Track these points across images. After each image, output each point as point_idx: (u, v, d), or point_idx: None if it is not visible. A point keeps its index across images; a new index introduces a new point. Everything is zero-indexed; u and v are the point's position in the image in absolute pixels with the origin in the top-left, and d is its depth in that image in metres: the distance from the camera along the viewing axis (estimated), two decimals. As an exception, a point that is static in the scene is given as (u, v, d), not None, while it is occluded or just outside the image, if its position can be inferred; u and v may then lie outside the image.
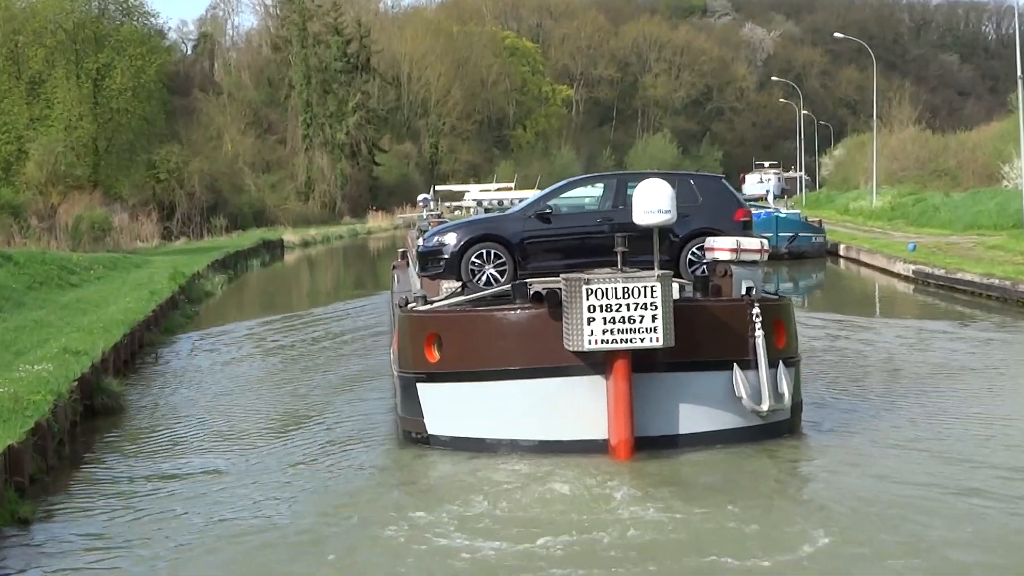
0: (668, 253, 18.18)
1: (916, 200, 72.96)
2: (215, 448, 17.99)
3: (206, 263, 49.58)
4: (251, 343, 30.20)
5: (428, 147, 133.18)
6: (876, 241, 55.63)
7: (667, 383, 16.32)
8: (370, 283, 51.06)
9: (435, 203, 30.32)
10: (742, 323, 16.67)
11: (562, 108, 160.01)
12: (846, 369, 23.74)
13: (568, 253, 18.28)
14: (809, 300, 41.02)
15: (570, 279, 15.89)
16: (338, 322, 34.44)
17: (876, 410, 19.41)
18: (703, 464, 15.91)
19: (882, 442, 17.12)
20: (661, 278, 15.80)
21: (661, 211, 16.42)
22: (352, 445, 17.84)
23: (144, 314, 29.89)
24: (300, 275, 61.94)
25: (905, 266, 44.02)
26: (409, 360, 17.39)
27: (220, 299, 43.47)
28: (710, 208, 18.62)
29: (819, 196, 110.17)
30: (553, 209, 18.52)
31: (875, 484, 14.82)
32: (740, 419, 16.67)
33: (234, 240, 70.50)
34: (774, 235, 53.34)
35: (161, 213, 73.26)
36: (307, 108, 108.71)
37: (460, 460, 16.37)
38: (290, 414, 20.43)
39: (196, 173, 79.59)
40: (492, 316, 16.70)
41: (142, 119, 74.33)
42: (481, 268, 18.29)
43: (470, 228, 18.80)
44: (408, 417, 17.42)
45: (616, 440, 15.95)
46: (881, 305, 38.78)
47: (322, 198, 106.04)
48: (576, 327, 15.74)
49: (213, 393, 22.80)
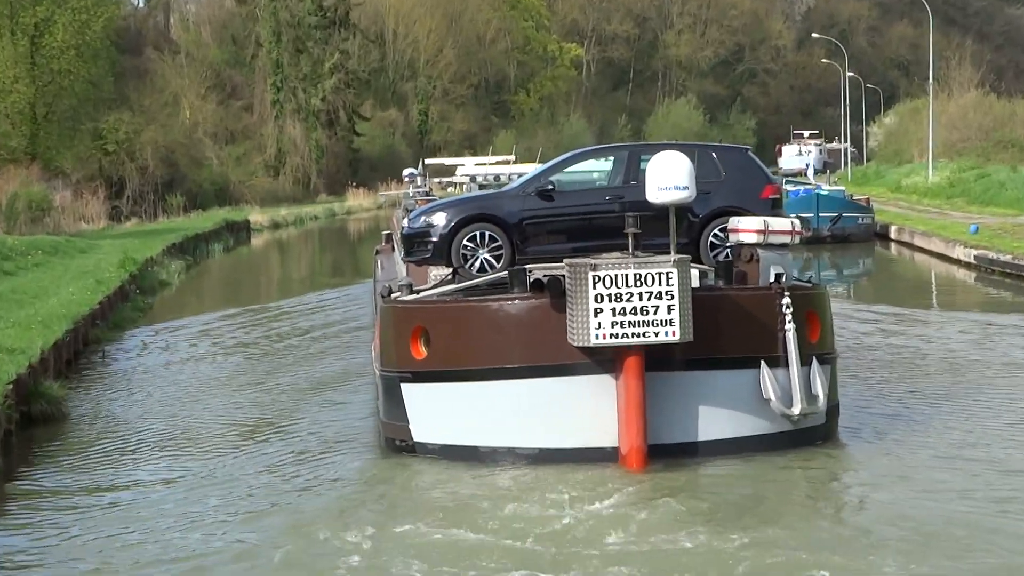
0: (687, 235, 18.38)
1: (979, 175, 72.95)
2: (167, 460, 18.20)
3: (161, 248, 49.80)
4: (211, 340, 30.43)
5: (416, 115, 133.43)
6: (932, 222, 55.78)
7: (685, 383, 16.52)
8: (349, 270, 51.31)
9: (423, 179, 30.50)
10: (770, 315, 16.85)
11: (570, 70, 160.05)
12: (896, 369, 23.88)
13: (573, 235, 18.47)
14: (855, 290, 41.31)
15: (575, 265, 16.08)
16: (309, 316, 34.65)
17: (930, 415, 19.56)
18: (726, 477, 16.10)
19: (935, 451, 17.29)
20: (678, 263, 15.98)
21: (678, 187, 16.57)
22: (324, 455, 18.04)
23: (89, 307, 30.00)
24: (269, 262, 62.24)
25: (966, 251, 44.14)
26: (392, 357, 17.58)
27: (177, 289, 43.72)
28: (734, 184, 18.81)
29: (866, 171, 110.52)
30: (556, 185, 18.71)
31: (929, 502, 14.90)
32: (768, 424, 16.87)
33: (193, 221, 70.70)
34: (815, 216, 53.77)
35: (109, 190, 73.37)
36: (277, 69, 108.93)
37: (448, 472, 16.56)
38: (253, 421, 20.64)
39: (149, 144, 79.77)
40: (486, 307, 16.90)
41: (87, 82, 74.40)
42: (474, 252, 18.49)
43: (462, 207, 19.00)
44: (391, 422, 17.61)
45: (627, 448, 16.14)
46: (938, 296, 39.01)
47: (294, 173, 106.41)
48: (582, 319, 15.93)
49: (167, 398, 23.00)
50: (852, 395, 20.68)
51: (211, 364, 26.82)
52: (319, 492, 16.14)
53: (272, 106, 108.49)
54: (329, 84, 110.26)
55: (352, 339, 29.12)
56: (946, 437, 18.05)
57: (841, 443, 17.79)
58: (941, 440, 17.87)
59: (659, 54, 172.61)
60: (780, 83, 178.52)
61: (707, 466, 16.43)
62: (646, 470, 16.01)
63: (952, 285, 40.91)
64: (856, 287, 42.39)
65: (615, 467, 16.19)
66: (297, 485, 16.51)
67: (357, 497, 15.87)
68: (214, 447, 18.89)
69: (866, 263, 50.64)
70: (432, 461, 17.01)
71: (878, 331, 28.86)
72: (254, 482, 16.70)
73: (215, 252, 60.34)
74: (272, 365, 26.28)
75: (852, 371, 23.15)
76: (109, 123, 78.17)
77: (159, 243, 51.82)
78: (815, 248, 52.60)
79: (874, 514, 14.48)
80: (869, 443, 17.85)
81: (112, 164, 77.57)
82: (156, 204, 77.95)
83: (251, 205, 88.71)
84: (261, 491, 16.26)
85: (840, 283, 43.23)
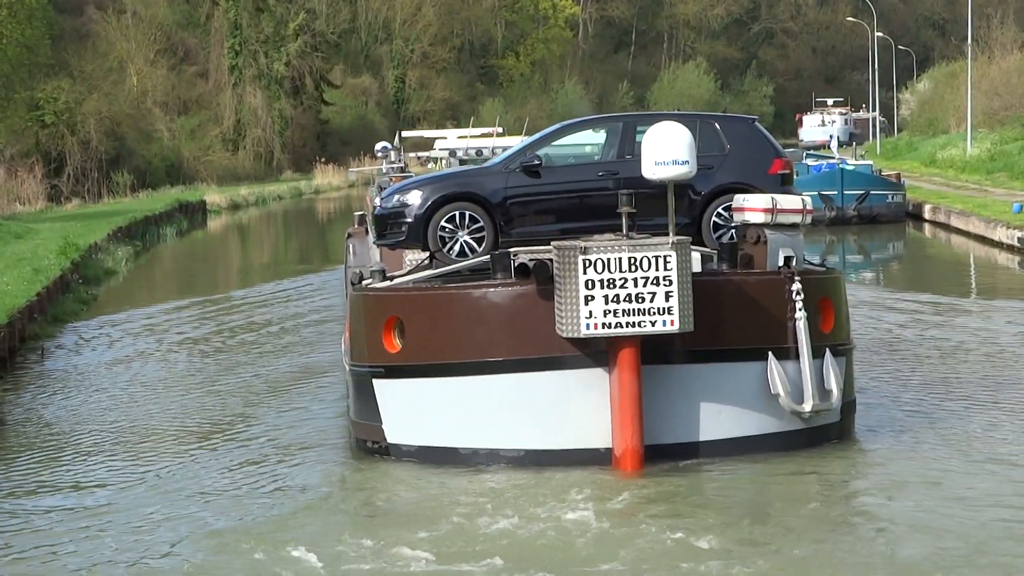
0: (688, 215, 18.76)
1: (1023, 147, 73.21)
2: (108, 468, 18.46)
3: (106, 232, 49.95)
4: (161, 335, 30.69)
5: (392, 82, 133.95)
6: (971, 200, 55.89)
7: (685, 377, 16.95)
8: (317, 257, 51.63)
9: (397, 153, 30.86)
10: (779, 302, 17.27)
11: (565, 31, 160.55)
12: (926, 363, 24.22)
13: (562, 216, 18.84)
14: (885, 276, 41.71)
15: (563, 248, 16.46)
16: (270, 308, 35.02)
17: (964, 415, 19.84)
18: (729, 482, 16.50)
19: (968, 455, 17.58)
20: (677, 246, 16.38)
21: (677, 162, 16.96)
22: (287, 459, 18.41)
23: (26, 299, 30.19)
24: (227, 247, 62.64)
25: (1008, 232, 44.30)
26: (364, 351, 17.99)
27: (125, 279, 43.99)
28: (740, 158, 19.17)
29: (898, 143, 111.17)
30: (544, 160, 19.03)
31: (962, 511, 15.13)
32: (777, 422, 17.30)
33: (142, 202, 70.84)
34: (839, 193, 54.46)
35: (47, 167, 73.61)
36: (235, 31, 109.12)
37: (424, 476, 16.95)
38: (204, 426, 20.89)
39: (92, 115, 79.51)
40: (466, 295, 17.29)
41: (21, 46, 73.71)
42: (453, 235, 18.80)
43: (439, 185, 19.32)
44: (362, 422, 18.03)
45: (621, 449, 16.57)
46: (977, 282, 39.27)
47: (255, 147, 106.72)
48: (571, 308, 16.32)
49: (110, 400, 23.26)
50: (880, 392, 21.11)
51: (160, 362, 27.07)
52: (271, 503, 16.44)
53: (230, 72, 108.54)
54: (294, 47, 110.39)
55: (314, 334, 29.46)
56: (982, 439, 18.32)
57: (858, 443, 18.21)
58: (976, 442, 18.14)
59: (664, 12, 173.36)
60: (801, 45, 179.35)
61: (709, 469, 16.84)
62: (642, 473, 16.43)
63: (992, 270, 41.35)
64: (886, 273, 42.84)
65: (608, 470, 16.59)
66: (248, 494, 16.83)
67: (320, 506, 16.19)
68: (162, 452, 19.18)
69: (897, 247, 51.11)
70: (405, 465, 17.40)
71: (912, 322, 29.20)
72: (200, 492, 16.98)
73: (167, 237, 60.54)
74: (226, 363, 26.59)
75: (884, 366, 23.59)
76: (47, 92, 77.83)
77: (104, 227, 51.94)
78: (839, 230, 53.02)
79: (897, 526, 14.71)
80: (891, 443, 18.21)
81: (50, 138, 77.48)
82: (100, 183, 78.00)
83: (207, 184, 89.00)
84: (206, 503, 16.53)
85: (868, 269, 43.68)
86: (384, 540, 14.59)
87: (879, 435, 18.65)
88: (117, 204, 70.53)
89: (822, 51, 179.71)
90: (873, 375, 22.72)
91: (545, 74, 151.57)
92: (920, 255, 48.75)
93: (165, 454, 19.16)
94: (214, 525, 15.60)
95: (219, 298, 37.67)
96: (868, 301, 32.11)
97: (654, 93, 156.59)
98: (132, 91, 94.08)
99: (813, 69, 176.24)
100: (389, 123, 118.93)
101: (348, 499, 16.59)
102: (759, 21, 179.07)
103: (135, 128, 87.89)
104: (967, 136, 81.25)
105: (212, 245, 63.35)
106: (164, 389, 24.16)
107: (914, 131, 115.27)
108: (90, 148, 78.71)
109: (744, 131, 19.55)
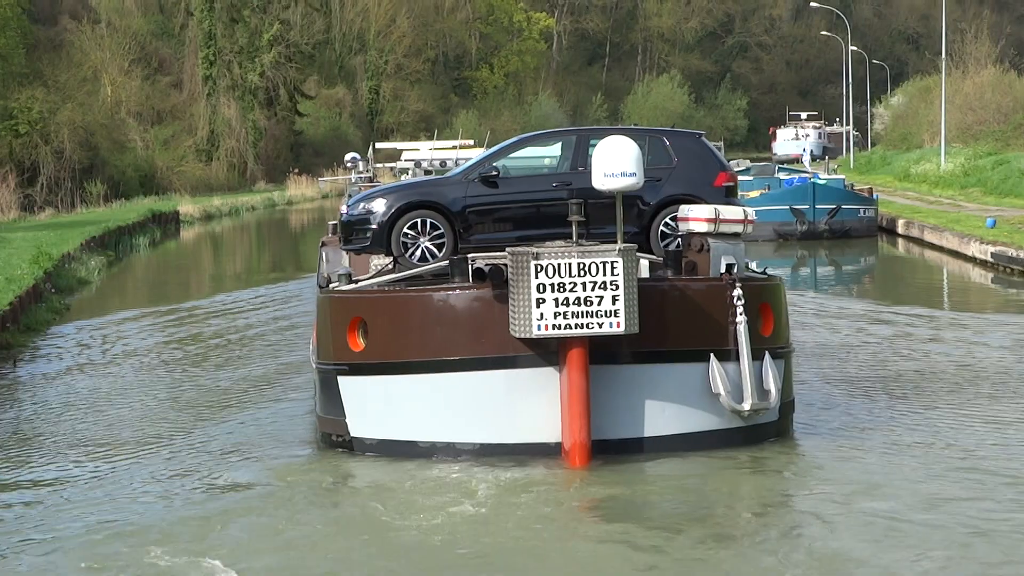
0: (637, 224, 19.98)
1: (996, 162, 73.13)
2: (58, 469, 19.25)
3: (79, 242, 50.11)
4: (132, 344, 31.13)
5: (366, 93, 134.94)
6: (945, 215, 56.22)
7: (631, 377, 18.19)
8: (290, 266, 52.56)
9: (365, 164, 32.02)
10: (721, 307, 18.49)
11: (539, 43, 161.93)
12: (868, 368, 25.47)
13: (519, 223, 20.06)
14: (856, 290, 42.35)
15: (516, 253, 17.68)
16: (244, 315, 35.99)
17: (896, 419, 21.01)
18: (671, 476, 17.65)
19: (889, 444, 18.99)
20: (623, 252, 17.60)
21: (624, 174, 18.12)
22: (246, 454, 19.62)
23: None
24: (201, 257, 63.27)
25: (982, 247, 44.26)
26: (329, 349, 19.22)
27: (98, 289, 44.38)
28: (687, 171, 20.40)
29: (871, 157, 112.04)
30: (501, 171, 20.26)
31: (896, 508, 16.06)
32: (717, 420, 18.53)
33: (115, 212, 70.85)
34: (810, 207, 54.86)
35: (20, 177, 73.68)
36: (209, 41, 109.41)
37: (384, 468, 18.20)
38: (165, 431, 21.57)
39: (66, 125, 79.45)
40: (425, 297, 18.52)
41: None
42: (415, 241, 20.01)
43: (402, 193, 20.54)
44: (327, 417, 19.27)
45: (569, 444, 17.78)
46: (948, 298, 39.59)
47: (229, 158, 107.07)
48: (523, 310, 17.53)
49: (76, 407, 23.75)
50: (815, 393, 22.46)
51: (132, 370, 27.52)
52: (235, 492, 17.65)
53: (204, 83, 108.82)
54: (268, 58, 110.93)
55: (293, 336, 30.54)
56: (922, 442, 19.40)
57: (796, 441, 19.46)
58: (915, 445, 19.22)
59: (639, 25, 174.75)
60: (775, 58, 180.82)
61: (653, 464, 18.04)
62: (589, 467, 17.64)
63: (965, 287, 41.85)
64: (857, 287, 43.39)
65: (557, 464, 17.80)
66: (206, 489, 17.93)
67: (282, 496, 17.30)
68: (124, 453, 20.01)
69: (868, 261, 51.48)
70: (368, 458, 18.64)
71: (864, 329, 30.37)
72: (140, 485, 18.08)
73: (140, 247, 60.94)
74: (198, 365, 27.50)
75: (827, 368, 24.99)
76: (20, 101, 77.87)
77: (77, 237, 52.12)
78: (811, 244, 53.59)
79: (826, 522, 15.70)
80: (827, 442, 19.44)
81: (24, 147, 77.33)
82: (74, 193, 77.96)
83: (180, 194, 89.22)
84: (145, 494, 17.67)
85: (839, 283, 44.36)
86: (337, 526, 15.95)
87: (816, 434, 19.88)
88: (90, 214, 70.80)
89: (796, 65, 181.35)
90: (816, 378, 24.13)
91: (519, 86, 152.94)
92: (891, 270, 49.14)
93: (126, 454, 19.98)
94: (138, 513, 16.70)
95: (191, 306, 38.38)
96: (832, 312, 33.37)
97: (628, 106, 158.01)
98: (106, 101, 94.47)
99: (787, 83, 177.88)
100: (363, 134, 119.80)
101: (304, 490, 17.61)
102: (733, 34, 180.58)
103: (109, 138, 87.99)
104: (941, 151, 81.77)
105: (185, 255, 63.93)
106: (134, 393, 24.83)
107: (888, 145, 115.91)
108: (64, 158, 78.72)
109: (691, 145, 20.79)
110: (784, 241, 54.71)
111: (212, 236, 73.59)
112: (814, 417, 20.98)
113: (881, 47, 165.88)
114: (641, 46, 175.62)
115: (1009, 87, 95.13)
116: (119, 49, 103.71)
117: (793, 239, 54.38)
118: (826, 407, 21.85)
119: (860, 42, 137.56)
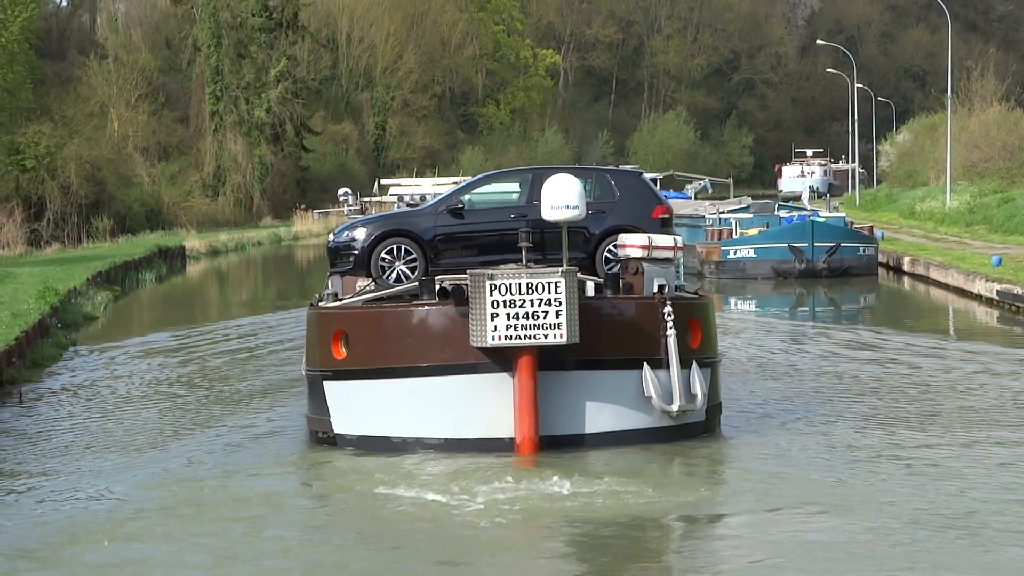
0: (584, 250, 23.68)
1: (1002, 200, 72.99)
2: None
3: (85, 277, 50.86)
4: (140, 379, 31.85)
5: (373, 128, 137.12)
6: (950, 253, 56.74)
7: (574, 381, 21.74)
8: (297, 296, 55.15)
9: (354, 198, 35.85)
10: (653, 322, 22.06)
11: (546, 79, 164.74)
12: (799, 383, 29.19)
13: (482, 250, 23.75)
14: (855, 326, 43.21)
15: (475, 274, 21.31)
16: (251, 338, 39.50)
17: (823, 426, 24.57)
18: (608, 466, 21.05)
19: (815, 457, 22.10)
20: (566, 274, 21.19)
21: (568, 207, 21.73)
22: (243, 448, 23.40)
23: (5, 343, 31.03)
24: (207, 291, 65.02)
25: (987, 285, 44.71)
26: (316, 358, 22.98)
27: (105, 323, 45.40)
28: (628, 205, 24.13)
29: (877, 194, 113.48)
30: (466, 204, 24.04)
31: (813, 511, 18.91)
32: (649, 419, 22.11)
33: (121, 247, 71.98)
34: (809, 246, 55.52)
35: (27, 212, 74.44)
36: (216, 77, 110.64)
37: (361, 459, 21.89)
38: (172, 430, 25.09)
39: (72, 160, 79.80)
40: (398, 312, 22.24)
41: (2, 90, 76.34)
42: (391, 264, 23.74)
43: (380, 223, 24.44)
44: (315, 416, 23.03)
45: (520, 438, 21.37)
46: (954, 333, 40.54)
47: (235, 193, 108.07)
48: (480, 323, 21.09)
49: (80, 442, 24.73)
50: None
51: (136, 401, 28.73)
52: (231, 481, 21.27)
53: (211, 118, 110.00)
54: (275, 94, 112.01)
55: (298, 355, 33.62)
56: (854, 445, 22.72)
57: (721, 438, 23.15)
58: (840, 448, 22.60)
59: (645, 62, 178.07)
60: (781, 95, 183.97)
61: (593, 455, 21.57)
62: (537, 457, 21.18)
63: (970, 325, 42.68)
64: (857, 323, 44.62)
65: (510, 455, 21.35)
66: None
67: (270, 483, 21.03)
68: (130, 454, 23.24)
69: (868, 299, 52.64)
70: (349, 451, 22.32)
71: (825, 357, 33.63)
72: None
73: (146, 282, 61.49)
74: (208, 409, 28.70)
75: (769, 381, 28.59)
76: (27, 136, 78.09)
77: (83, 272, 52.65)
78: (809, 283, 54.29)
79: (746, 515, 18.95)
80: (746, 438, 23.18)
81: (31, 182, 77.84)
82: (80, 228, 78.54)
83: (186, 229, 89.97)
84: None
85: (840, 321, 45.33)
86: (271, 508, 19.58)
87: (738, 433, 23.64)
88: (97, 249, 71.05)
89: (802, 102, 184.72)
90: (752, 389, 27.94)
91: (525, 122, 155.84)
92: (894, 308, 49.08)
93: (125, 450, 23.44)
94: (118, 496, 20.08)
95: (197, 336, 40.08)
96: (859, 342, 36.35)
97: (634, 142, 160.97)
98: (113, 136, 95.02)
99: (793, 120, 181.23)
100: (369, 170, 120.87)
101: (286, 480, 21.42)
102: (739, 72, 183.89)
103: (115, 173, 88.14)
104: (947, 188, 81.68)
105: (191, 290, 65.06)
106: (137, 419, 26.62)
107: (893, 183, 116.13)
108: (70, 193, 78.87)
109: (631, 182, 24.67)
110: (783, 279, 55.30)
111: (218, 271, 74.82)
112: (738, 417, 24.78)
113: (887, 84, 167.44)
114: (647, 83, 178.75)
115: (1015, 125, 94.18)
116: (126, 84, 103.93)
117: (791, 277, 55.31)
118: (755, 411, 25.65)
119: (866, 79, 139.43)
